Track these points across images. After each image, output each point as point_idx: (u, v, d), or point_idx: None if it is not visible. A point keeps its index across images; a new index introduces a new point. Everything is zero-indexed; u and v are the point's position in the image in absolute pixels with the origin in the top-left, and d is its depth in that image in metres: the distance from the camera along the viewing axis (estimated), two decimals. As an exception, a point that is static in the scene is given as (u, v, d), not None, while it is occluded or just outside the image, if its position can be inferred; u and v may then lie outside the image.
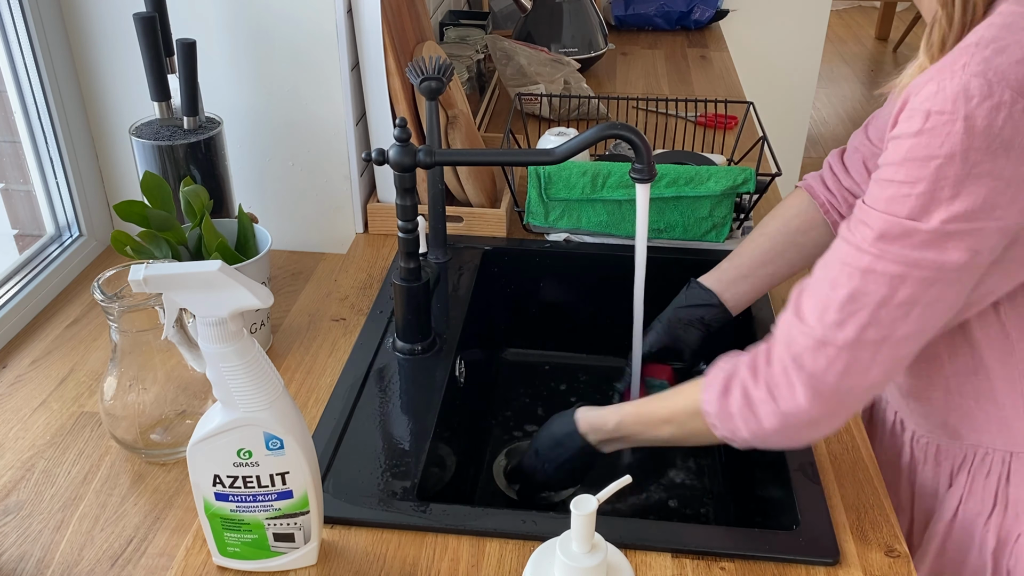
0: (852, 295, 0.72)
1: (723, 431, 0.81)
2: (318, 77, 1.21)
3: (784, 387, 0.75)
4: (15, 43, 1.15)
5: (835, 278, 0.73)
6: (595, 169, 1.24)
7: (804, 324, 0.75)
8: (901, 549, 0.82)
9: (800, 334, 0.75)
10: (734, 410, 0.79)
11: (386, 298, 1.16)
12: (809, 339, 0.74)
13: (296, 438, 0.71)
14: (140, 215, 0.97)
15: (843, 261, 0.73)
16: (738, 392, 0.79)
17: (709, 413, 0.81)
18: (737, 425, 0.79)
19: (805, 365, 0.74)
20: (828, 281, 0.74)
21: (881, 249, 0.71)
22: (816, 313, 0.74)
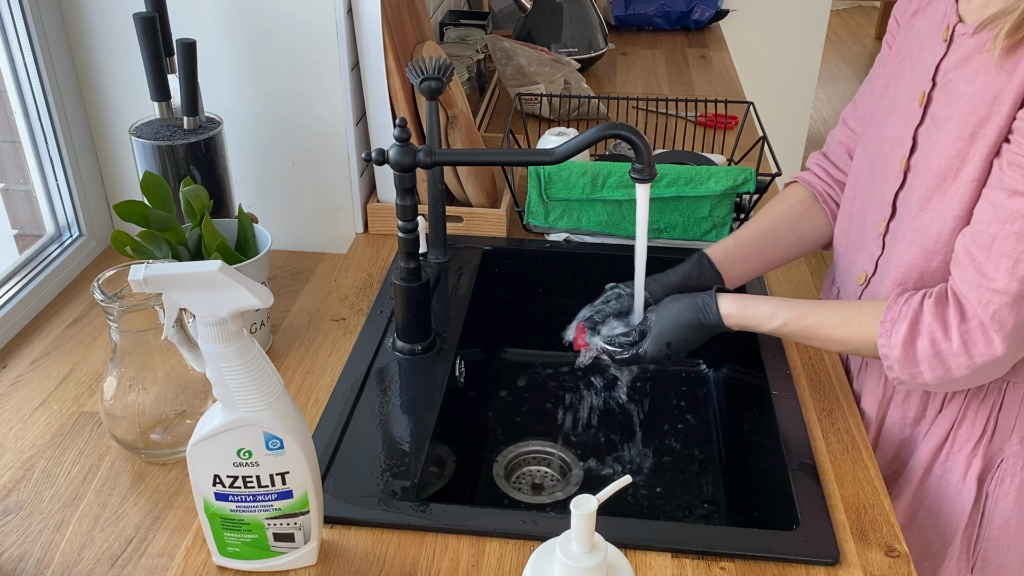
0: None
1: (900, 373, 0.87)
2: (318, 77, 1.21)
3: (982, 343, 0.82)
4: (15, 43, 1.15)
5: (1021, 231, 0.79)
6: (595, 169, 1.24)
7: (995, 282, 0.81)
8: (901, 549, 0.82)
9: (994, 293, 0.81)
10: (921, 357, 0.85)
11: (386, 298, 1.16)
12: (1006, 296, 0.80)
13: (296, 438, 0.71)
14: (140, 215, 0.97)
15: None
16: (926, 342, 0.85)
17: (888, 356, 0.87)
18: (921, 371, 0.86)
19: (1006, 322, 0.81)
20: (1013, 236, 0.79)
21: None
22: (1007, 269, 0.80)
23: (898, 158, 0.95)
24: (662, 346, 0.99)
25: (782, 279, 1.25)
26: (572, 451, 1.21)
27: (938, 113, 0.89)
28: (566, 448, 1.21)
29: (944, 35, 0.90)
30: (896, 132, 0.95)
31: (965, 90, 0.85)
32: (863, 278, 1.03)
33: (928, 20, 0.95)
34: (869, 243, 1.02)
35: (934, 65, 0.90)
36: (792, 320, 0.94)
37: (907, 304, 0.87)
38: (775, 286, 1.23)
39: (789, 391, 1.01)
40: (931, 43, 0.92)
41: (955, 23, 0.89)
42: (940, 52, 0.90)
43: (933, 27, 0.93)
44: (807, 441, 0.94)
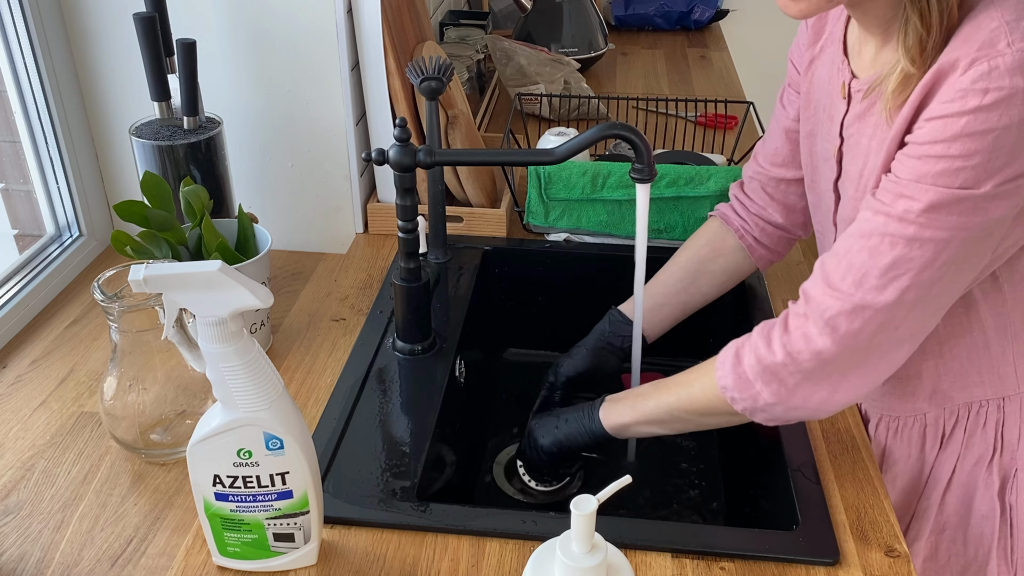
0: (895, 262, 0.76)
1: (742, 400, 0.84)
2: (318, 77, 1.21)
3: (802, 342, 0.80)
4: (15, 43, 1.14)
5: (875, 247, 0.77)
6: (595, 169, 1.24)
7: (838, 291, 0.79)
8: (901, 549, 0.82)
9: (834, 300, 0.79)
10: (752, 376, 0.83)
11: (386, 298, 1.16)
12: (846, 303, 0.78)
13: (296, 438, 0.71)
14: (140, 215, 0.97)
15: (883, 232, 0.77)
16: (752, 359, 0.83)
17: (726, 387, 0.85)
18: (758, 390, 0.83)
19: (839, 327, 0.79)
20: (866, 251, 0.78)
21: (929, 218, 0.75)
22: (853, 280, 0.78)
23: (829, 211, 0.97)
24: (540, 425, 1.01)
25: (782, 279, 1.25)
26: (572, 451, 1.21)
27: (849, 168, 0.90)
28: (566, 448, 1.21)
29: (842, 92, 0.90)
30: (824, 185, 0.96)
31: (866, 144, 0.86)
32: None
33: (823, 69, 0.95)
34: None
35: (839, 122, 0.91)
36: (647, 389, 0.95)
37: (739, 339, 0.87)
38: (774, 285, 1.23)
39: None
40: (833, 98, 0.92)
41: (849, 79, 0.89)
42: (841, 109, 0.90)
43: (832, 79, 0.93)
44: (807, 441, 0.94)
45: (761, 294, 1.19)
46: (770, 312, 1.16)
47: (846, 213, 0.91)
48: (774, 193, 1.09)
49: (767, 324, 0.85)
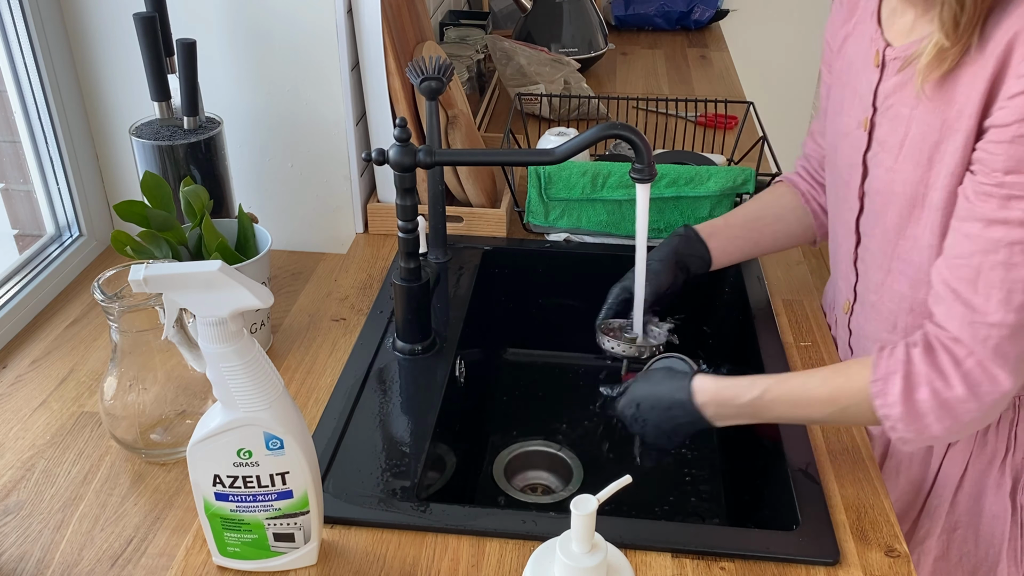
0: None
1: (905, 432, 0.82)
2: (318, 77, 1.21)
3: (987, 383, 0.78)
4: (15, 43, 1.14)
5: (1007, 261, 0.76)
6: (595, 169, 1.24)
7: (989, 316, 0.77)
8: (901, 549, 0.82)
9: (991, 327, 0.77)
10: (925, 410, 0.80)
11: (386, 298, 1.16)
12: (1004, 328, 0.77)
13: (296, 438, 0.71)
14: (140, 215, 0.97)
15: (1010, 242, 0.75)
16: (926, 394, 0.80)
17: (889, 416, 0.81)
18: (927, 424, 0.80)
19: (1008, 355, 0.77)
20: (1000, 267, 0.76)
21: None
22: (999, 301, 0.76)
23: (854, 184, 0.95)
24: (632, 412, 0.96)
25: (782, 279, 1.25)
26: (572, 451, 1.21)
27: (885, 139, 0.89)
28: (566, 448, 1.21)
29: (876, 60, 0.89)
30: (848, 158, 0.95)
31: (911, 114, 0.85)
32: (847, 307, 1.04)
33: (857, 44, 0.95)
34: (845, 270, 1.02)
35: (871, 91, 0.90)
36: (772, 386, 0.88)
37: (893, 357, 0.82)
38: (774, 285, 1.23)
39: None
40: (864, 68, 0.92)
41: (883, 47, 0.88)
42: (875, 77, 0.89)
43: (863, 51, 0.92)
44: (807, 441, 0.94)
45: (761, 294, 1.19)
46: (770, 312, 1.16)
47: (879, 186, 0.90)
48: None
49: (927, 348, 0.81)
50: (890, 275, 0.93)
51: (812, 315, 1.17)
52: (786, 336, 1.12)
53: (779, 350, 1.08)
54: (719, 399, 0.89)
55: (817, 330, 1.14)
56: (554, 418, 1.26)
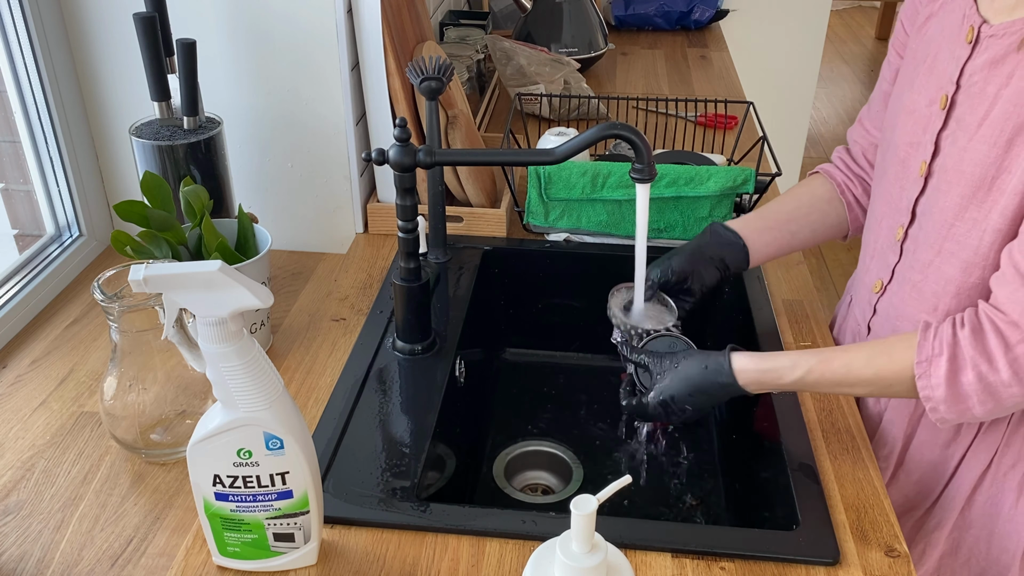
0: None
1: (947, 413, 0.83)
2: (318, 77, 1.21)
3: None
4: (15, 43, 1.14)
5: None
6: (595, 169, 1.24)
7: None
8: (901, 549, 0.82)
9: None
10: (968, 392, 0.81)
11: (386, 298, 1.16)
12: None
13: (296, 438, 0.71)
14: (140, 215, 0.97)
15: None
16: (972, 376, 0.80)
17: (932, 397, 0.82)
18: (970, 406, 0.81)
19: None
20: None
21: None
22: None
23: (917, 163, 0.93)
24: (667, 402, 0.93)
25: (782, 279, 1.25)
26: (572, 451, 1.21)
27: (965, 117, 0.87)
28: (566, 448, 1.21)
29: (968, 36, 0.87)
30: (913, 136, 0.93)
31: (999, 93, 0.83)
32: (879, 286, 1.02)
33: (942, 23, 0.93)
34: (885, 249, 1.00)
35: (958, 68, 0.88)
36: (816, 367, 0.88)
37: (938, 338, 0.82)
38: (775, 285, 1.23)
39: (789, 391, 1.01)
40: (950, 45, 0.90)
41: (979, 23, 0.86)
42: (964, 54, 0.87)
43: (950, 29, 0.91)
44: (807, 441, 0.94)
45: (761, 294, 1.19)
46: (770, 312, 1.16)
47: (949, 164, 0.88)
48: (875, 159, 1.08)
49: (976, 330, 0.81)
50: (940, 256, 0.91)
51: (812, 315, 1.17)
52: (786, 336, 1.12)
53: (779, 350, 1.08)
54: (761, 380, 0.90)
55: (817, 330, 1.14)
56: (554, 418, 1.27)
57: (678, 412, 0.94)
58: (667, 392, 0.93)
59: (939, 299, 0.92)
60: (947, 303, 0.92)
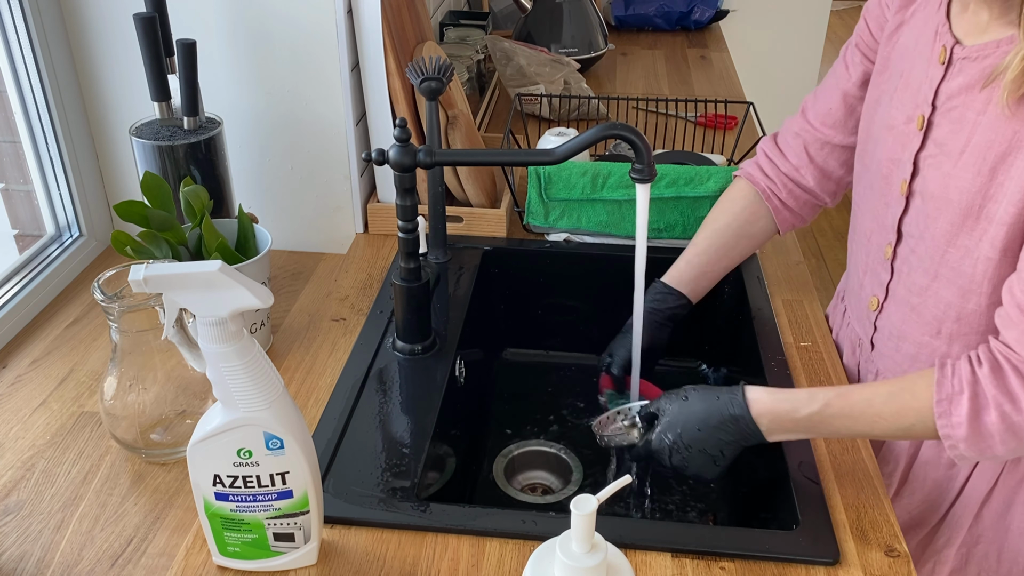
0: None
1: (967, 451, 0.80)
2: (318, 77, 1.21)
3: None
4: (15, 43, 1.14)
5: None
6: (595, 169, 1.24)
7: None
8: (901, 549, 0.82)
9: None
10: (991, 432, 0.78)
11: (386, 298, 1.16)
12: None
13: (296, 438, 0.71)
14: (140, 215, 0.97)
15: None
16: (994, 417, 0.77)
17: (952, 436, 0.79)
18: (991, 444, 0.78)
19: None
20: None
21: None
22: None
23: (898, 181, 0.91)
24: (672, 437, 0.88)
25: (782, 279, 1.25)
26: (572, 451, 1.21)
27: (945, 141, 0.85)
28: (566, 448, 1.21)
29: (941, 57, 0.85)
30: (893, 153, 0.92)
31: (977, 120, 0.81)
32: (875, 303, 1.00)
33: (915, 34, 0.91)
34: (876, 266, 0.99)
35: (932, 88, 0.86)
36: (834, 400, 0.83)
37: (956, 376, 0.79)
38: (774, 285, 1.23)
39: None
40: (923, 62, 0.88)
41: (952, 44, 0.84)
42: (937, 75, 0.86)
43: (923, 43, 0.89)
44: (807, 441, 0.94)
45: (761, 294, 1.19)
46: (770, 312, 1.16)
47: (933, 189, 0.86)
48: (816, 155, 1.05)
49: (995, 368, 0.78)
50: (937, 281, 0.90)
51: (812, 315, 1.17)
52: (786, 336, 1.12)
53: (779, 350, 1.08)
54: (775, 411, 0.85)
55: (817, 330, 1.14)
56: (554, 418, 1.26)
57: (681, 450, 0.87)
58: (673, 427, 0.88)
59: (941, 323, 0.91)
60: (949, 327, 0.91)
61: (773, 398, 0.86)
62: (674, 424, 0.88)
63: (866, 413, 0.83)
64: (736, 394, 0.86)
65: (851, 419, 0.84)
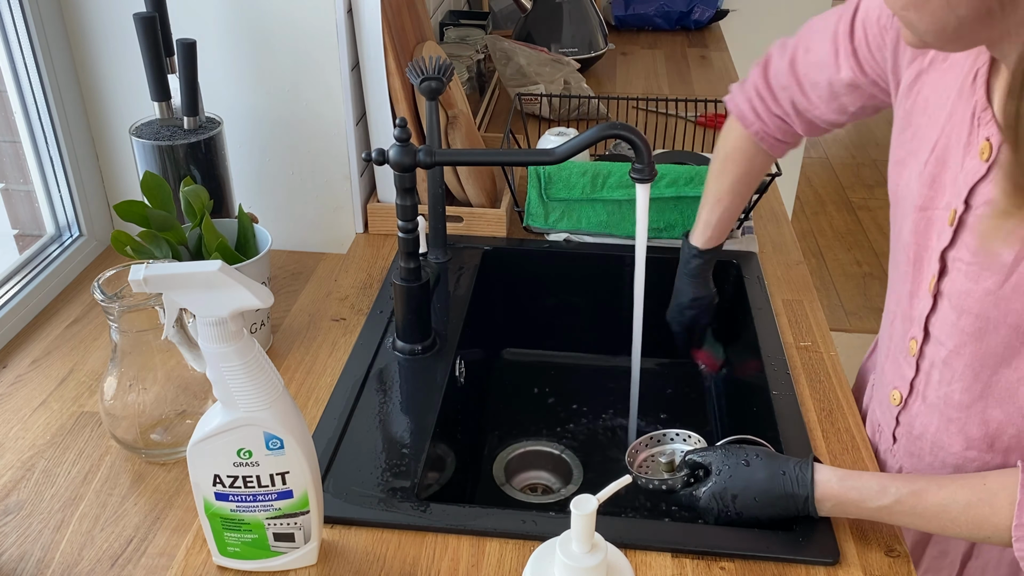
0: None
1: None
2: (318, 77, 1.21)
3: None
4: (15, 43, 1.14)
5: None
6: (595, 169, 1.24)
7: None
8: (901, 549, 0.82)
9: None
10: None
11: (386, 298, 1.16)
12: None
13: (296, 438, 0.71)
14: (140, 215, 0.97)
15: None
16: None
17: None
18: None
19: None
20: None
21: None
22: None
23: (926, 274, 0.83)
24: (724, 500, 0.83)
25: (782, 279, 1.25)
26: (572, 451, 1.21)
27: (979, 250, 0.76)
28: (566, 448, 1.21)
29: (984, 153, 0.74)
30: (920, 238, 0.83)
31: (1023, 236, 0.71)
32: (897, 399, 0.92)
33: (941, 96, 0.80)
34: (898, 356, 0.91)
35: (968, 185, 0.76)
36: (906, 498, 0.77)
37: None
38: (774, 285, 1.23)
39: (789, 391, 1.01)
40: (959, 146, 0.77)
41: (998, 141, 0.72)
42: (977, 171, 0.75)
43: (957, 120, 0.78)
44: (807, 441, 0.94)
45: (761, 294, 1.19)
46: (770, 312, 1.15)
47: (967, 302, 0.79)
48: (804, 111, 0.99)
49: None
50: (984, 400, 0.82)
51: (812, 315, 1.17)
52: (786, 336, 1.12)
53: (779, 350, 1.08)
54: (842, 500, 0.80)
55: (817, 330, 1.14)
56: (554, 418, 1.27)
57: (731, 514, 0.83)
58: (728, 492, 0.83)
59: (994, 439, 0.84)
60: (1006, 442, 0.83)
61: (842, 485, 0.80)
62: (731, 489, 0.83)
63: (939, 517, 0.77)
64: (805, 472, 0.81)
65: (923, 520, 0.78)
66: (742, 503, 0.83)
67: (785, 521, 0.85)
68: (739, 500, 0.83)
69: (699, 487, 0.85)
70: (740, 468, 0.84)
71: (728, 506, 0.83)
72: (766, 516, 0.83)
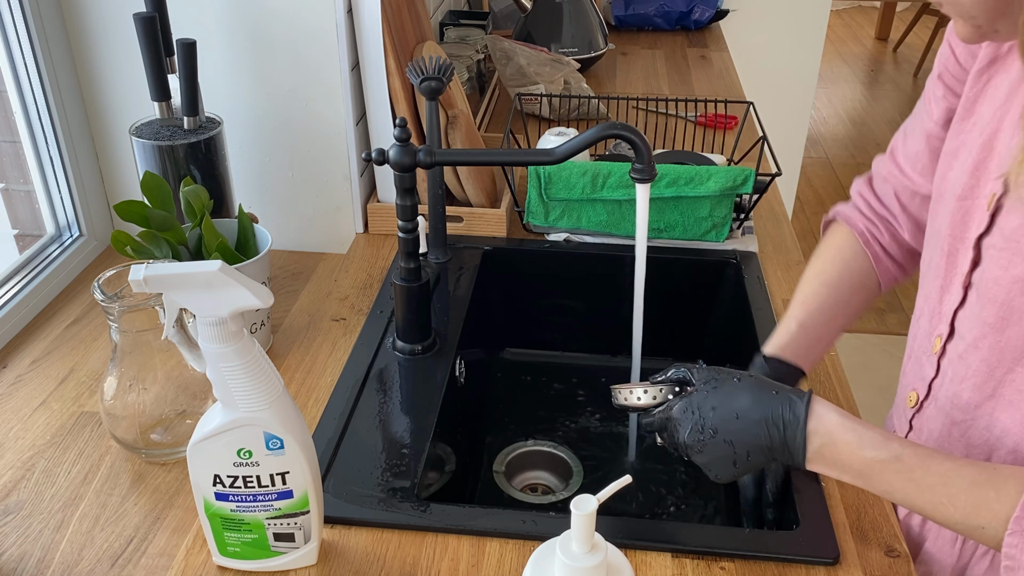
0: None
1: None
2: (318, 77, 1.21)
3: None
4: (15, 43, 1.15)
5: None
6: (595, 169, 1.24)
7: None
8: (901, 549, 0.82)
9: None
10: None
11: (386, 298, 1.16)
12: None
13: (296, 438, 0.72)
14: (140, 215, 0.97)
15: None
16: None
17: (1014, 557, 0.66)
18: None
19: None
20: None
21: None
22: None
23: (961, 266, 0.79)
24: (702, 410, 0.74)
25: (782, 279, 1.25)
26: (572, 451, 1.21)
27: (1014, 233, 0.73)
28: (566, 448, 1.22)
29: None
30: (957, 229, 0.79)
31: None
32: (913, 400, 0.88)
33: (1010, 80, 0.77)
34: (921, 356, 0.87)
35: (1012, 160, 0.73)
36: (909, 457, 0.69)
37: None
38: (774, 285, 1.23)
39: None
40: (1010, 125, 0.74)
41: None
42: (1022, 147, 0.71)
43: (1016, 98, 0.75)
44: (807, 441, 0.94)
45: (761, 294, 1.19)
46: (770, 312, 1.15)
47: (992, 290, 0.75)
48: (908, 204, 0.92)
49: None
50: (993, 400, 0.78)
51: (812, 315, 1.16)
52: (786, 336, 1.12)
53: (779, 350, 1.08)
54: (835, 437, 0.71)
55: (817, 330, 1.13)
56: (554, 418, 1.27)
57: (705, 432, 0.74)
58: (706, 403, 0.74)
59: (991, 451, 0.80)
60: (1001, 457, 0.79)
61: (841, 424, 0.72)
62: (710, 400, 0.74)
63: (936, 490, 0.69)
64: (799, 399, 0.73)
65: (916, 490, 0.70)
66: (720, 417, 0.73)
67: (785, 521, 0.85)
68: (717, 412, 0.73)
69: (677, 400, 0.76)
70: (728, 382, 0.75)
71: (703, 420, 0.73)
72: (745, 444, 0.72)
